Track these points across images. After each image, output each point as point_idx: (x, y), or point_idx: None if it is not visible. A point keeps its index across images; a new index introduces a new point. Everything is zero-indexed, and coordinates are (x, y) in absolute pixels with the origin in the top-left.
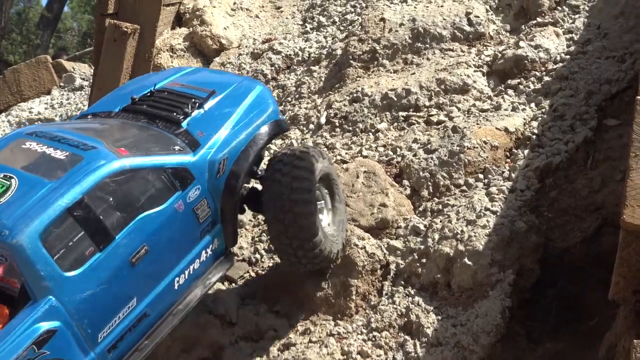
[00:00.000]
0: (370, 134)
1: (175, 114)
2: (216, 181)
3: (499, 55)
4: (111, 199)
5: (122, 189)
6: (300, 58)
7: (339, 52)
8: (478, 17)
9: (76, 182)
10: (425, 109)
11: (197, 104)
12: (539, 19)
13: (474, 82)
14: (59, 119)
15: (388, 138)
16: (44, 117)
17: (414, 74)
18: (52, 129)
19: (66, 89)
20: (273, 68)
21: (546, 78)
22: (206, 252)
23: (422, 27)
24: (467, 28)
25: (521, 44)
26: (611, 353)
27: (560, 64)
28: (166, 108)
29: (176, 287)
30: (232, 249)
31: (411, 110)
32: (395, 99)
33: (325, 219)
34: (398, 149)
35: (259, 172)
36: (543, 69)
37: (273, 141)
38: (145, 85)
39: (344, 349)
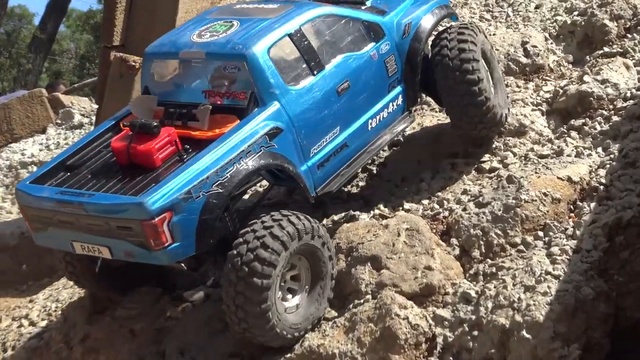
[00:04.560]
0: (412, 183)
1: (356, 3)
2: (402, 41)
3: (560, 91)
4: (321, 35)
5: (329, 29)
6: None
7: None
8: (536, 47)
9: (293, 17)
10: (476, 154)
11: None
12: (605, 49)
13: (532, 122)
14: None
15: (433, 188)
16: (38, 160)
17: None
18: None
19: (63, 126)
20: None
21: (615, 118)
22: (393, 105)
23: None
24: (524, 59)
25: (586, 78)
26: None
27: (631, 102)
28: None
29: (369, 129)
30: (412, 109)
31: (459, 155)
32: (441, 142)
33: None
34: (445, 202)
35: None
36: (611, 107)
37: None
38: None
39: None
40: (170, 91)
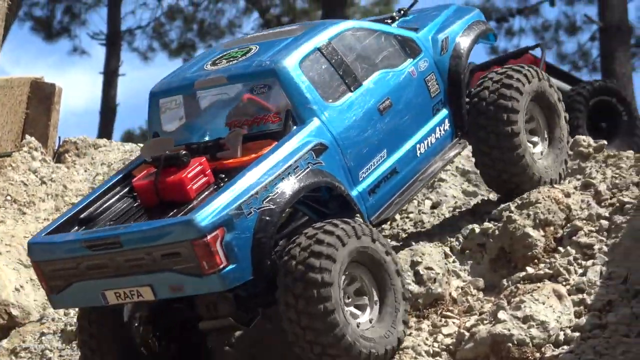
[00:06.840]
0: None
1: (384, 21)
2: (441, 58)
3: (467, 334)
4: (353, 50)
5: (361, 44)
6: None
7: None
8: (431, 268)
9: (321, 31)
10: None
11: (401, 12)
12: (529, 269)
13: None
14: None
15: None
16: None
17: None
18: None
19: None
20: None
21: None
22: (440, 130)
23: None
24: (415, 288)
25: (501, 314)
26: None
27: (565, 348)
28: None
29: (418, 154)
30: (461, 134)
31: None
32: None
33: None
34: None
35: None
36: (538, 356)
37: None
38: None
39: None
40: (187, 133)
